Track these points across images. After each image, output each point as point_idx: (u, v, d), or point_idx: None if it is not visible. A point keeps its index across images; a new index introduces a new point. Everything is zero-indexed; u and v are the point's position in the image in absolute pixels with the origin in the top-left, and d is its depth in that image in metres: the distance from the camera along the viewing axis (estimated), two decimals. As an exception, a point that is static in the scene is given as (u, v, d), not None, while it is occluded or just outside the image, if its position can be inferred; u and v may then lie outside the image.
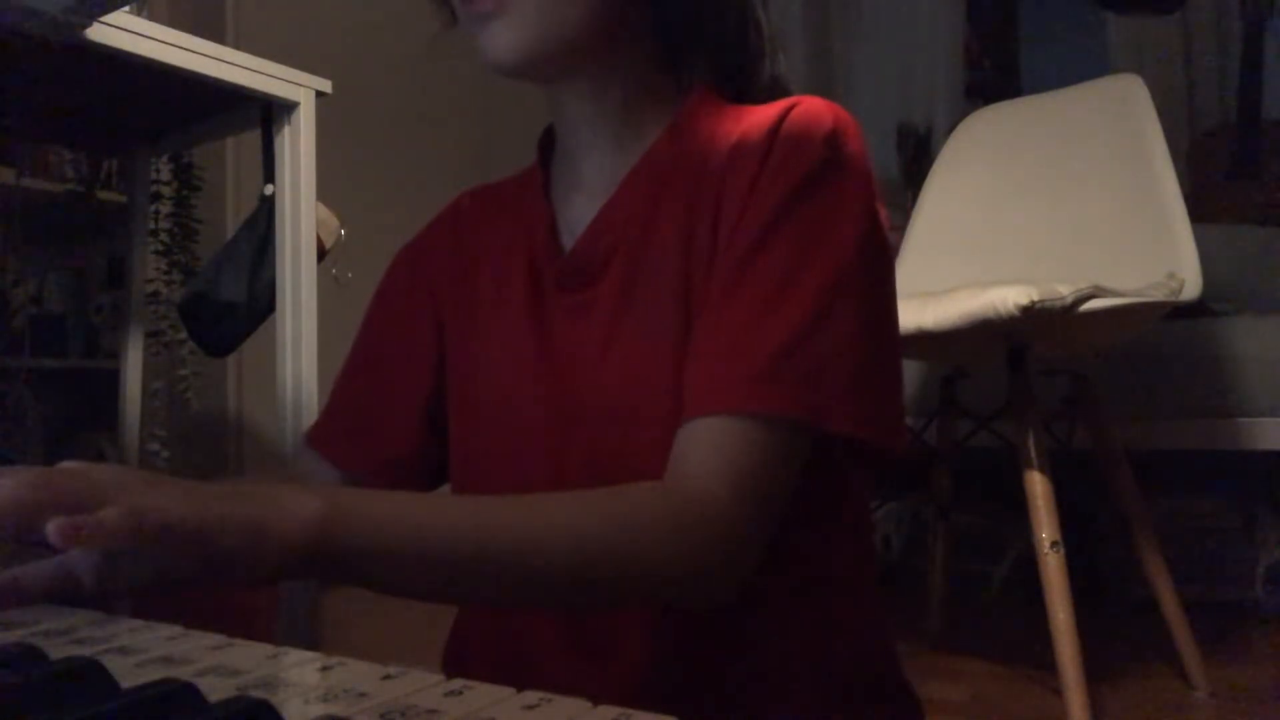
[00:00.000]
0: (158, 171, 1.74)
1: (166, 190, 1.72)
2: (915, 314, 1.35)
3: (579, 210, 0.64)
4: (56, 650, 0.35)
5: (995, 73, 3.23)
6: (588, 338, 0.60)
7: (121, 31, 1.11)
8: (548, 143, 0.70)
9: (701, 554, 0.49)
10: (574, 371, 0.61)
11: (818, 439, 0.54)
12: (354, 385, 0.72)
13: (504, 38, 0.57)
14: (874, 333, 0.56)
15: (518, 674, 0.60)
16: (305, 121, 1.32)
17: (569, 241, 0.64)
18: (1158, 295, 1.41)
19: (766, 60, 0.66)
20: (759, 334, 0.52)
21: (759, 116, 0.59)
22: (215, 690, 0.30)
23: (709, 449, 0.51)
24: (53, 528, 0.35)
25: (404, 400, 0.69)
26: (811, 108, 0.58)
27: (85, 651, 0.36)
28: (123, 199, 1.97)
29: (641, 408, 0.57)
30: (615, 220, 0.62)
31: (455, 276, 0.70)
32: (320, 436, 0.71)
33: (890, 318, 0.59)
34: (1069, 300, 1.24)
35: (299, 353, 1.30)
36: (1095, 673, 1.36)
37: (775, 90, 0.65)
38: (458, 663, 0.66)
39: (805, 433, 0.52)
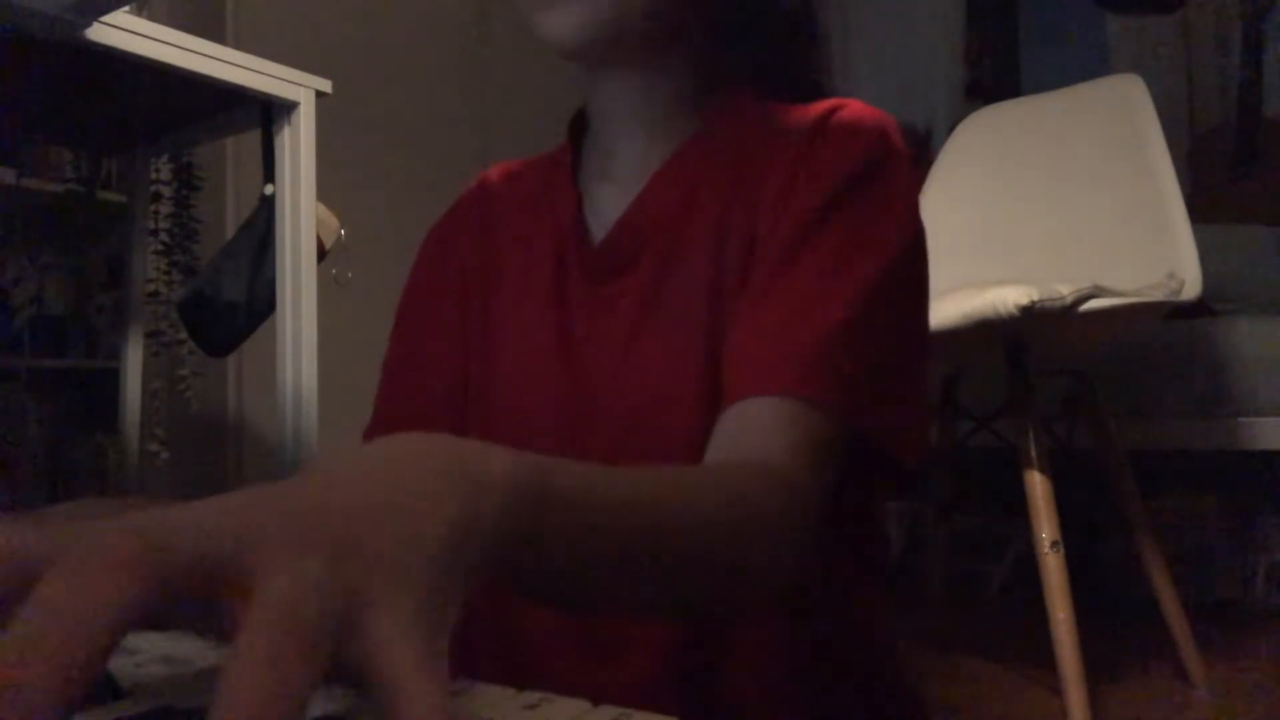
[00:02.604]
0: (158, 171, 1.74)
1: (166, 190, 1.72)
2: (915, 314, 1.35)
3: (609, 200, 0.63)
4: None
5: (995, 73, 3.23)
6: (611, 332, 0.59)
7: (121, 31, 1.11)
8: (578, 126, 0.68)
9: (799, 530, 0.46)
10: (595, 367, 0.59)
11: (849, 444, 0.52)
12: (395, 383, 0.69)
13: (573, 18, 0.56)
14: (909, 338, 0.55)
15: (521, 675, 0.60)
16: (305, 121, 1.32)
17: (597, 230, 0.63)
18: (1158, 295, 1.41)
19: (812, 65, 0.66)
20: (805, 322, 0.51)
21: (800, 115, 0.59)
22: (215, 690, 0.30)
23: (764, 426, 0.48)
24: None
25: (443, 391, 0.67)
26: (856, 109, 0.58)
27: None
28: (123, 199, 1.96)
29: (662, 407, 0.56)
30: (647, 213, 0.61)
31: (479, 258, 0.68)
32: (373, 438, 0.69)
33: (924, 325, 0.58)
34: (1069, 300, 1.24)
35: (299, 353, 1.30)
36: (1095, 672, 1.36)
37: (816, 95, 0.64)
38: (459, 662, 0.65)
39: (842, 426, 0.50)
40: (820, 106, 0.59)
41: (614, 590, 0.37)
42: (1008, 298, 1.25)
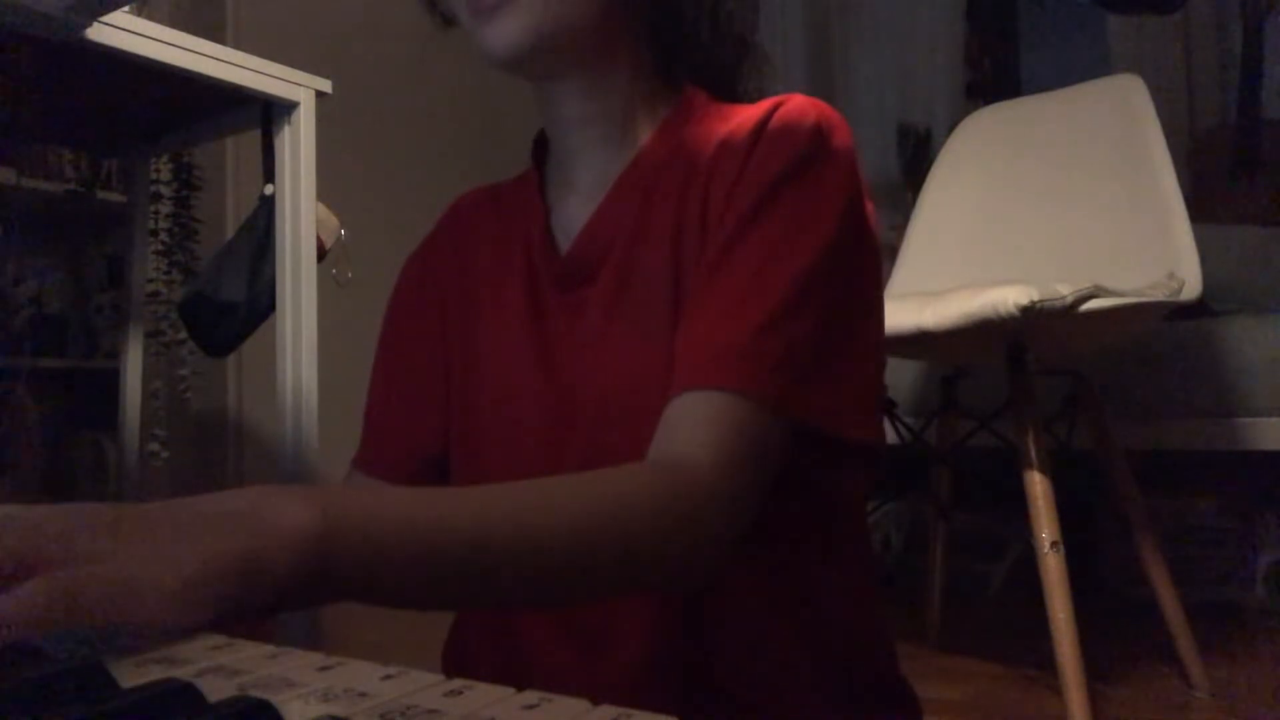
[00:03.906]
0: (158, 171, 1.74)
1: (166, 190, 1.72)
2: (915, 314, 1.35)
3: (573, 211, 0.65)
4: (57, 650, 0.35)
5: (995, 73, 3.23)
6: (583, 336, 0.61)
7: (121, 31, 1.11)
8: (542, 144, 0.70)
9: (693, 523, 0.48)
10: (570, 370, 0.61)
11: (799, 431, 0.54)
12: (380, 405, 0.72)
13: (510, 27, 0.57)
14: (849, 324, 0.56)
15: (516, 669, 0.61)
16: (305, 121, 1.32)
17: (564, 242, 0.65)
18: (1158, 295, 1.41)
19: (751, 72, 0.68)
20: (736, 317, 0.53)
21: (746, 115, 0.61)
22: (215, 690, 0.30)
23: (692, 421, 0.51)
24: None
25: (427, 408, 0.69)
26: (796, 105, 0.59)
27: (85, 652, 0.35)
28: (123, 199, 1.97)
29: (635, 404, 0.57)
30: (609, 221, 0.62)
31: (458, 278, 0.70)
32: (364, 459, 0.71)
33: (870, 310, 0.60)
34: (1069, 300, 1.24)
35: (299, 353, 1.30)
36: (1095, 673, 1.36)
37: (758, 98, 0.66)
38: (457, 661, 0.67)
39: (776, 414, 0.52)
40: (763, 105, 0.60)
41: (457, 599, 0.46)
42: (1008, 298, 1.25)
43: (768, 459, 0.52)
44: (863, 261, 0.59)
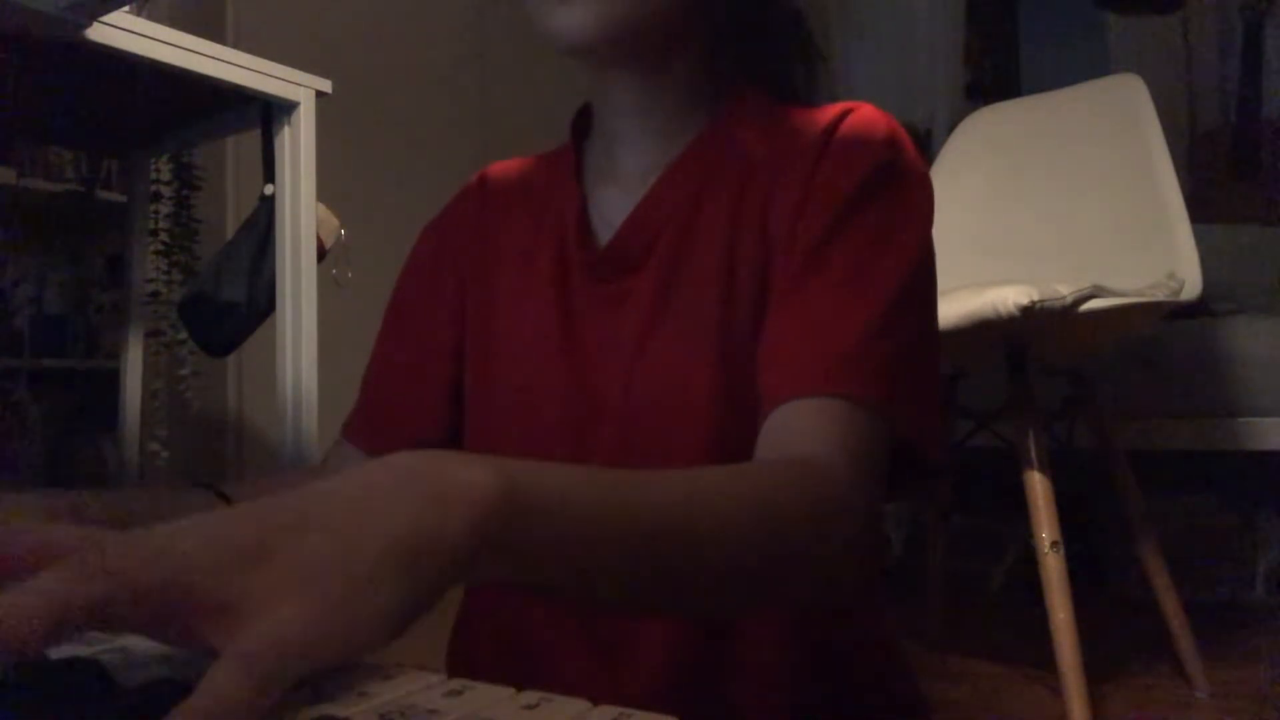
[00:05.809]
0: (158, 171, 1.74)
1: (166, 190, 1.72)
2: (915, 314, 1.35)
3: (614, 199, 0.63)
4: (56, 650, 0.35)
5: (995, 73, 3.23)
6: (622, 330, 0.59)
7: (121, 31, 1.11)
8: (581, 125, 0.68)
9: (839, 522, 0.46)
10: (604, 363, 0.59)
11: None
12: (381, 371, 0.70)
13: (586, 14, 0.56)
14: (929, 337, 0.57)
15: (527, 674, 0.60)
16: (305, 121, 1.32)
17: (602, 230, 0.63)
18: (1158, 295, 1.41)
19: (807, 73, 0.67)
20: (840, 323, 0.52)
21: (811, 118, 0.60)
22: (215, 690, 0.30)
23: (811, 425, 0.49)
24: None
25: (431, 382, 0.67)
26: (866, 114, 0.59)
27: (85, 651, 0.35)
28: (123, 199, 1.96)
29: (679, 402, 0.56)
30: (657, 212, 0.61)
31: (478, 254, 0.68)
32: (353, 427, 0.69)
33: (937, 325, 0.60)
34: (1069, 300, 1.24)
35: (299, 353, 1.30)
36: (1095, 672, 1.36)
37: (811, 102, 0.65)
38: (461, 663, 0.65)
39: (884, 423, 0.51)
40: (831, 111, 0.60)
41: (620, 592, 0.39)
42: (1008, 298, 1.25)
43: (884, 462, 0.50)
44: (934, 274, 0.58)
